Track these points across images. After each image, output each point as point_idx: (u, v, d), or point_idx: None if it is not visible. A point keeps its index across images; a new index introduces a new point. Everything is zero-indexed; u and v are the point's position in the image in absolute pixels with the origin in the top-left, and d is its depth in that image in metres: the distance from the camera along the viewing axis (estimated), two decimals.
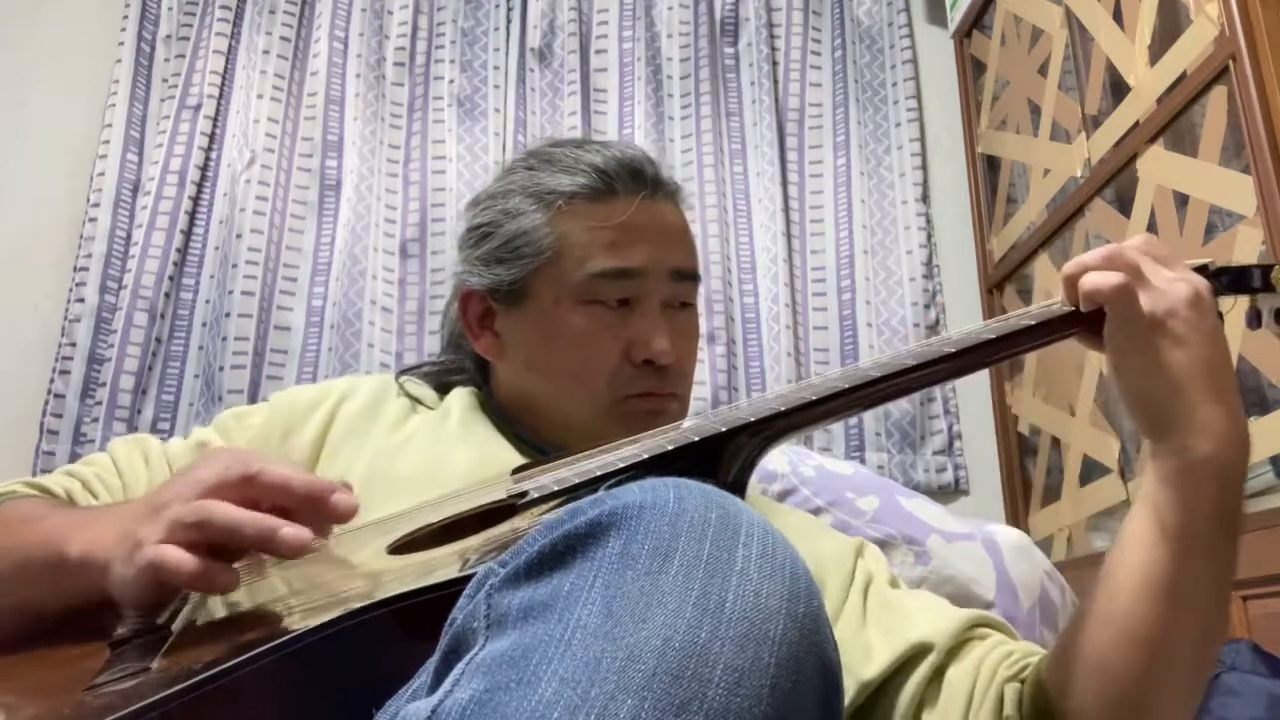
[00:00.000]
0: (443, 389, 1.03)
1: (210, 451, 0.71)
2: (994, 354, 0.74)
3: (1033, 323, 0.73)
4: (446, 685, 0.43)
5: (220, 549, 0.61)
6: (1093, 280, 0.68)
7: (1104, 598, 0.66)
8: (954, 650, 0.73)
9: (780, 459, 1.33)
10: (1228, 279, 0.78)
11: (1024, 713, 0.69)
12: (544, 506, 0.66)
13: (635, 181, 0.91)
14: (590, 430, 0.89)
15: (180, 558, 0.58)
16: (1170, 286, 0.67)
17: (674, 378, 0.91)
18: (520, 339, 0.94)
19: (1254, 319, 0.80)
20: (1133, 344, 0.67)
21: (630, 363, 0.89)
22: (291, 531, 0.59)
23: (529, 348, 0.93)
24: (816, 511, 1.27)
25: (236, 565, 0.64)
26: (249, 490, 0.62)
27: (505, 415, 0.96)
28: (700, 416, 0.74)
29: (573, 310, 0.89)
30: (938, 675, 0.72)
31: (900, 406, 2.29)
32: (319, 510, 0.62)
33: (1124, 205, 1.84)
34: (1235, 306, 0.80)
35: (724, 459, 0.69)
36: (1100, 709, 0.64)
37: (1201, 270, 0.77)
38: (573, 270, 0.89)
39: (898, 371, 0.71)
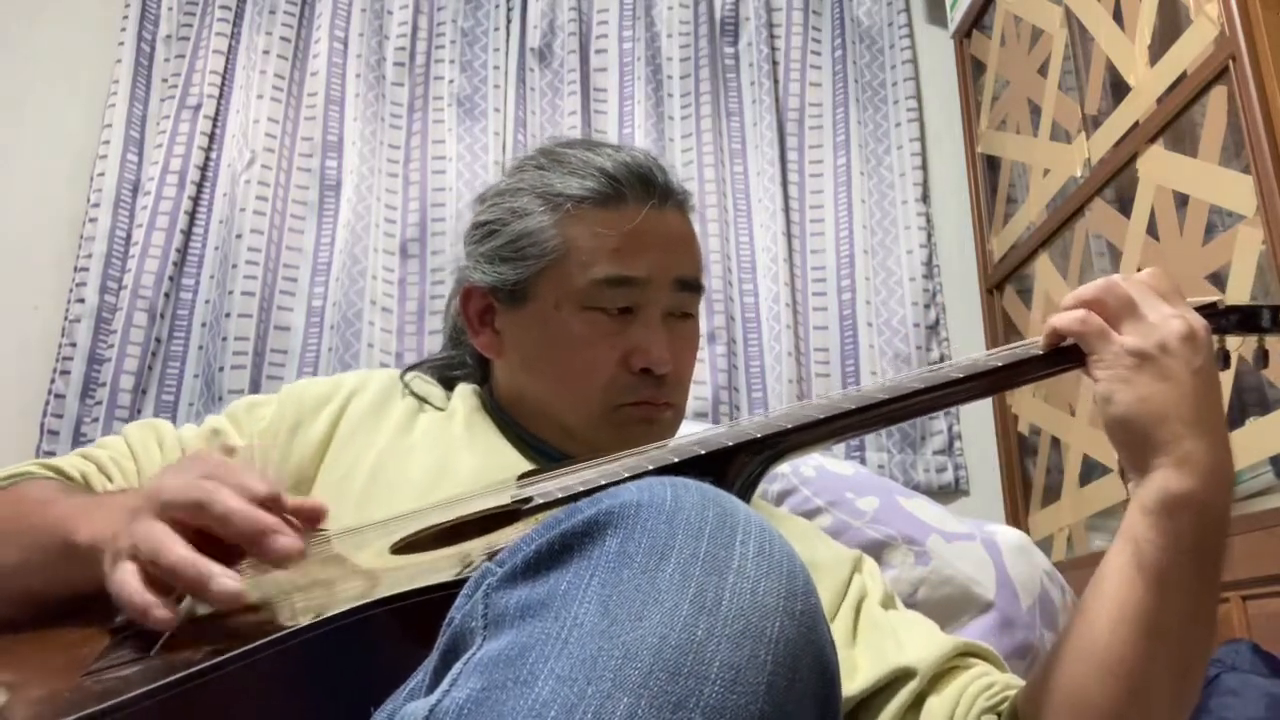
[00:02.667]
0: (447, 383, 1.03)
1: (193, 455, 0.70)
2: (1000, 383, 0.75)
3: (1040, 353, 0.74)
4: (445, 684, 0.43)
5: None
6: (1059, 321, 0.72)
7: (1082, 629, 0.66)
8: (937, 678, 0.73)
9: None
10: (1237, 318, 0.78)
11: None
12: (547, 513, 0.66)
13: (644, 189, 0.90)
14: (583, 435, 0.89)
15: (131, 591, 0.58)
16: (1164, 321, 0.68)
17: (671, 387, 0.90)
18: (519, 339, 0.93)
19: (1261, 358, 0.80)
20: (1112, 374, 0.68)
21: (628, 370, 0.88)
22: (219, 584, 0.57)
23: (527, 348, 0.93)
24: (816, 511, 1.27)
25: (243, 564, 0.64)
26: (198, 517, 0.61)
27: (506, 415, 0.96)
28: (707, 431, 0.74)
29: (574, 314, 0.89)
30: (918, 702, 0.72)
31: None
32: (257, 549, 0.61)
33: (1124, 205, 1.84)
34: (1243, 345, 0.80)
35: (728, 473, 0.69)
36: None
37: (1210, 308, 0.77)
38: (576, 275, 0.88)
39: (904, 395, 0.72)
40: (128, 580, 0.58)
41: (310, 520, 0.64)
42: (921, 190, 2.47)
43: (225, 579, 0.57)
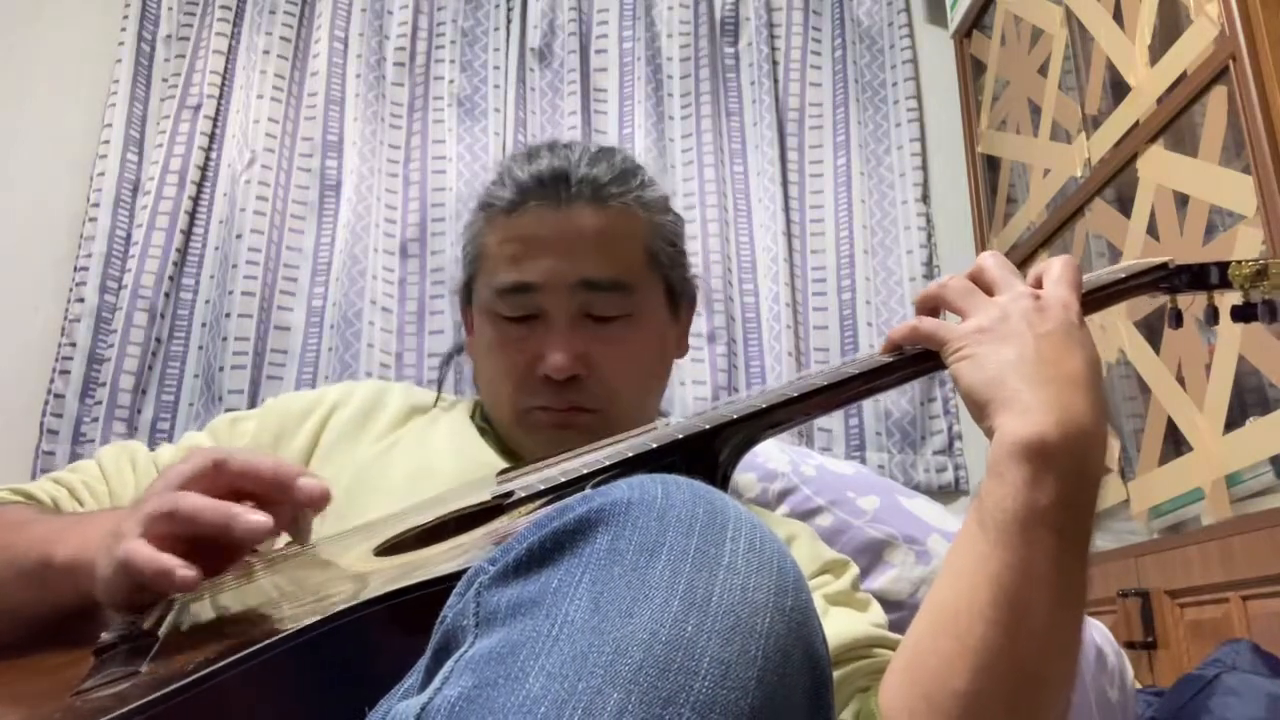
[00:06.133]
0: None
1: (194, 450, 0.70)
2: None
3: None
4: (436, 683, 0.43)
5: (203, 546, 0.61)
6: (891, 334, 0.73)
7: (930, 591, 0.63)
8: (836, 662, 0.70)
9: (781, 458, 1.32)
10: (1188, 277, 0.79)
11: (861, 714, 0.66)
12: (530, 506, 0.66)
13: (550, 190, 0.88)
14: (511, 435, 0.91)
15: (145, 553, 0.58)
16: (1013, 300, 0.68)
17: (591, 391, 0.88)
18: (472, 341, 0.97)
19: (1211, 315, 0.81)
20: (956, 355, 0.67)
21: (534, 375, 0.88)
22: (249, 520, 0.59)
23: (473, 350, 0.97)
24: (817, 510, 1.27)
25: (229, 571, 0.64)
26: (219, 478, 0.62)
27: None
28: (685, 415, 0.74)
29: (487, 321, 0.92)
30: None
31: (900, 406, 2.29)
32: (286, 493, 0.62)
33: (1124, 205, 1.84)
34: (1194, 304, 0.80)
35: (709, 456, 0.69)
36: (910, 700, 0.60)
37: (1161, 268, 0.78)
38: (485, 283, 0.91)
39: (874, 370, 0.72)
40: (139, 548, 0.58)
41: (318, 500, 0.64)
42: (921, 190, 2.47)
43: (251, 514, 0.58)
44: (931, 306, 0.72)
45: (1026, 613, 0.58)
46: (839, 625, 0.74)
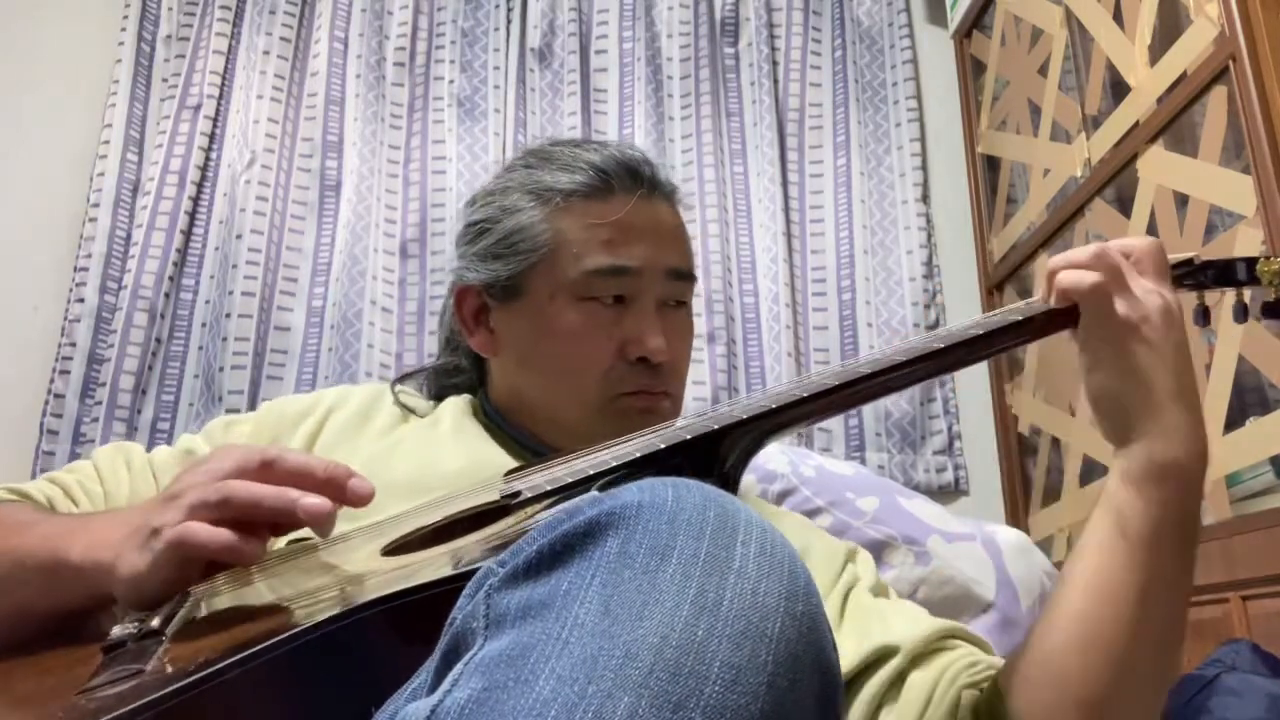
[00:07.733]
0: (440, 396, 1.03)
1: (224, 447, 0.71)
2: (982, 350, 0.75)
3: (1019, 318, 0.74)
4: (445, 685, 0.43)
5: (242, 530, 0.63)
6: (1069, 278, 0.71)
7: (1063, 603, 0.66)
8: (920, 656, 0.73)
9: (780, 459, 1.32)
10: (1213, 272, 0.80)
11: (980, 717, 0.69)
12: (538, 505, 0.66)
13: (633, 180, 0.91)
14: (581, 428, 0.89)
15: (209, 530, 0.60)
16: (1146, 295, 0.69)
17: (667, 376, 0.91)
18: (515, 335, 0.94)
19: (1240, 312, 0.81)
20: (1106, 344, 0.68)
21: (624, 360, 0.89)
22: (312, 501, 0.62)
23: (523, 344, 0.94)
24: (816, 511, 1.27)
25: (221, 576, 0.64)
26: (268, 476, 0.64)
27: (500, 416, 0.96)
28: (693, 415, 0.74)
29: (568, 306, 0.90)
30: (900, 678, 0.72)
31: (900, 406, 2.29)
32: (339, 493, 0.64)
33: (1124, 205, 1.84)
34: (1222, 300, 0.81)
35: (717, 457, 0.69)
36: (1056, 714, 0.63)
37: (1187, 264, 0.79)
38: (569, 267, 0.90)
39: (888, 368, 0.72)
40: (195, 528, 0.61)
41: (367, 499, 0.66)
42: (921, 190, 2.47)
43: (310, 498, 0.62)
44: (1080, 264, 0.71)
45: (1169, 625, 0.64)
46: (912, 616, 0.78)
